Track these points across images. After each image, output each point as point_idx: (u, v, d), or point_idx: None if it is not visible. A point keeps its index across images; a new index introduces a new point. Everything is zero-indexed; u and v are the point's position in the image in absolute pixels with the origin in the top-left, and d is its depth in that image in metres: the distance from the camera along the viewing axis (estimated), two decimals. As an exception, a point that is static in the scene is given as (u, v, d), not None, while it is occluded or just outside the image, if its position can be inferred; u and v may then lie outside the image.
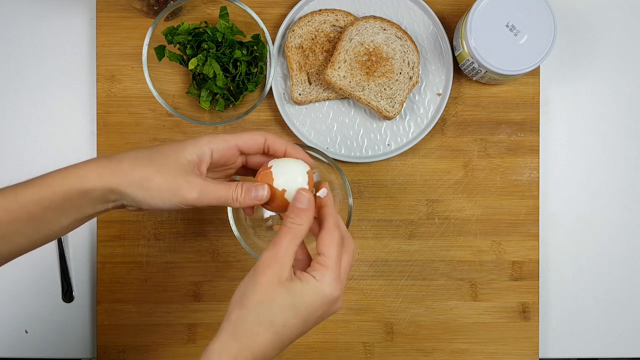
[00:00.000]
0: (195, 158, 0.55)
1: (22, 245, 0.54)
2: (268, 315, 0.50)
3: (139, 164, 0.54)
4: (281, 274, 0.51)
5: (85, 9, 0.82)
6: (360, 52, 0.77)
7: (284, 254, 0.52)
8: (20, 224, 0.52)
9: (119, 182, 0.53)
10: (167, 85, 0.78)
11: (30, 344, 0.82)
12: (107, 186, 0.53)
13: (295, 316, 0.51)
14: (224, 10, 0.76)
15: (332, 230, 0.54)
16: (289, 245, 0.52)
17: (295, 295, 0.51)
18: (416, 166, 0.81)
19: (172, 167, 0.54)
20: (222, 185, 0.55)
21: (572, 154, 0.83)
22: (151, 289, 0.80)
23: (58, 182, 0.53)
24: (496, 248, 0.80)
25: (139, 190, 0.53)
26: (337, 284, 0.52)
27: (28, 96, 0.82)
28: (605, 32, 0.83)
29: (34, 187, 0.53)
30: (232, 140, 0.57)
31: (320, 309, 0.52)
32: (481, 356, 0.81)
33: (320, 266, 0.53)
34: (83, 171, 0.53)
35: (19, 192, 0.52)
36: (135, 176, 0.53)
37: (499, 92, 0.81)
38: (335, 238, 0.54)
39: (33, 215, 0.52)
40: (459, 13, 0.81)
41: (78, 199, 0.53)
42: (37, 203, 0.52)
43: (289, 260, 0.52)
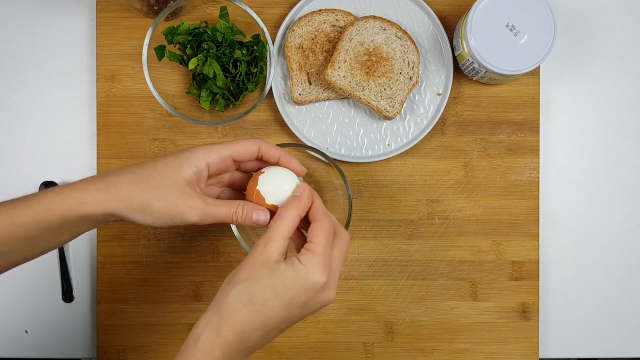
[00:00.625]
0: (193, 176, 0.56)
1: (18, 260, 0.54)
2: (248, 292, 0.51)
3: (137, 189, 0.54)
4: (268, 255, 0.52)
5: (85, 9, 0.82)
6: (360, 52, 0.77)
7: (271, 237, 0.53)
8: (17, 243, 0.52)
9: (119, 208, 0.54)
10: (167, 85, 0.78)
11: (30, 344, 0.82)
12: (107, 211, 0.54)
13: (275, 297, 0.51)
14: (224, 10, 0.76)
15: (321, 221, 0.55)
16: (278, 229, 0.53)
17: (276, 275, 0.51)
18: (416, 166, 0.81)
19: (171, 190, 0.54)
20: (222, 206, 0.56)
21: (572, 154, 0.83)
22: (151, 289, 0.80)
23: (56, 205, 0.53)
24: (496, 248, 0.80)
25: (140, 214, 0.54)
26: (323, 270, 0.52)
27: (28, 96, 0.82)
28: (605, 32, 0.83)
29: (31, 207, 0.53)
30: (226, 152, 0.57)
31: (303, 294, 0.51)
32: (481, 356, 0.81)
33: (306, 251, 0.53)
34: (82, 196, 0.53)
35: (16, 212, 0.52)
36: (135, 202, 0.54)
37: (499, 92, 0.81)
38: (324, 227, 0.54)
39: (30, 235, 0.53)
40: (459, 13, 0.81)
41: (77, 222, 0.54)
42: (34, 224, 0.52)
43: (277, 244, 0.53)
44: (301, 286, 0.51)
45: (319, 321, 0.81)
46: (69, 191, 0.54)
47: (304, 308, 0.52)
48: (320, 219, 0.55)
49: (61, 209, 0.53)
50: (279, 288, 0.51)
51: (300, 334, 0.81)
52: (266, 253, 0.52)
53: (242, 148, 0.58)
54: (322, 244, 0.53)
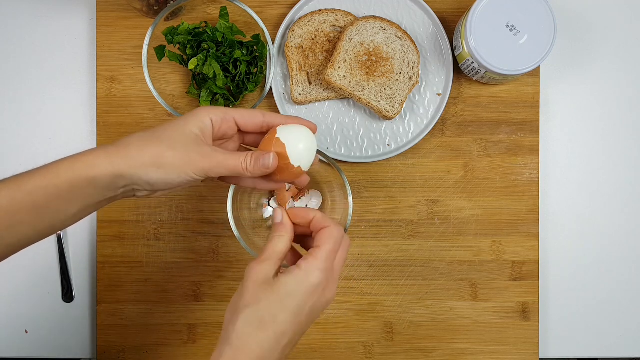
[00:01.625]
0: (199, 131, 0.56)
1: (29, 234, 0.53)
2: (256, 315, 0.50)
3: (147, 144, 0.54)
4: (267, 274, 0.52)
5: (85, 9, 0.82)
6: (360, 52, 0.77)
7: (267, 257, 0.53)
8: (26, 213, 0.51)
9: (130, 165, 0.53)
10: (167, 85, 0.78)
11: (30, 344, 0.82)
12: (116, 172, 0.52)
13: (283, 309, 0.51)
14: (224, 10, 0.76)
15: (332, 228, 0.55)
16: (272, 250, 0.54)
17: (280, 288, 0.51)
18: (416, 166, 0.81)
19: (180, 141, 0.54)
20: (232, 155, 0.56)
21: (572, 154, 0.83)
22: (151, 289, 0.80)
23: (64, 170, 0.52)
24: (496, 248, 0.80)
25: (152, 169, 0.53)
26: (324, 273, 0.52)
27: (28, 96, 0.82)
28: (605, 32, 0.83)
29: (39, 175, 0.52)
30: (229, 112, 0.58)
31: (309, 299, 0.52)
32: (481, 356, 0.81)
33: (309, 257, 0.53)
34: (91, 158, 0.53)
35: (24, 180, 0.52)
36: (146, 157, 0.53)
37: (499, 92, 0.81)
38: (334, 234, 0.54)
39: (38, 204, 0.51)
40: (459, 13, 0.81)
41: (85, 187, 0.52)
42: (42, 191, 0.51)
43: (273, 263, 0.53)
44: (304, 291, 0.51)
45: (319, 321, 0.81)
46: (78, 156, 0.53)
47: (311, 314, 0.53)
48: (330, 225, 0.55)
49: (69, 173, 0.52)
50: (285, 300, 0.51)
51: (300, 334, 0.81)
52: (264, 272, 0.52)
53: (246, 112, 0.58)
54: (327, 251, 0.53)
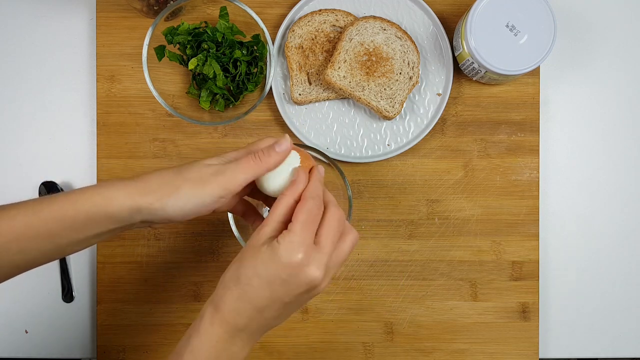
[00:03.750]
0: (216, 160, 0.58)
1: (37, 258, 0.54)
2: (236, 272, 0.53)
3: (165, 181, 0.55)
4: (258, 239, 0.54)
5: (85, 9, 0.82)
6: (360, 52, 0.77)
7: (265, 222, 0.55)
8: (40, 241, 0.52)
9: (149, 201, 0.54)
10: (167, 85, 0.78)
11: (30, 344, 0.82)
12: (135, 206, 0.53)
13: (256, 275, 0.52)
14: (224, 10, 0.76)
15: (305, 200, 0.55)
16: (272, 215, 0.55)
17: (257, 255, 0.53)
18: (416, 166, 0.81)
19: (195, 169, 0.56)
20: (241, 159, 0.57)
21: (572, 154, 0.83)
22: (151, 289, 0.80)
23: (82, 202, 0.53)
24: (496, 248, 0.80)
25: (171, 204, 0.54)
26: (298, 247, 0.52)
27: (28, 96, 0.82)
28: (605, 32, 0.83)
29: (57, 204, 0.52)
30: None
31: (282, 271, 0.52)
32: (481, 356, 0.81)
33: (285, 230, 0.53)
34: (109, 192, 0.53)
35: (41, 207, 0.52)
36: (164, 192, 0.54)
37: (499, 92, 0.81)
38: (306, 206, 0.54)
39: (52, 233, 0.52)
40: (459, 13, 0.81)
41: (102, 220, 0.53)
42: (60, 221, 0.52)
43: (269, 228, 0.54)
44: (277, 263, 0.52)
45: (319, 321, 0.81)
46: (96, 188, 0.54)
47: (288, 287, 0.52)
48: (304, 198, 0.55)
49: (87, 205, 0.52)
50: (258, 267, 0.52)
51: (300, 334, 0.81)
52: (257, 237, 0.54)
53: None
54: (300, 222, 0.53)
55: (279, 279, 0.52)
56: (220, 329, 0.52)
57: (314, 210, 0.54)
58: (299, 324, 0.80)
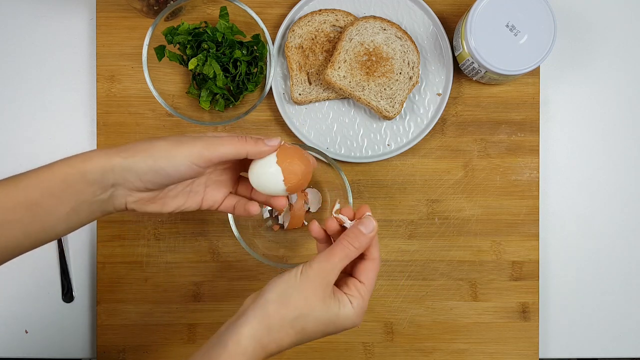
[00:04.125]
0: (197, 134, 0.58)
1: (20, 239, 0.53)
2: (303, 323, 0.53)
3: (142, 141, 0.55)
4: (325, 289, 0.54)
5: (85, 9, 0.82)
6: (360, 52, 0.77)
7: (332, 270, 0.54)
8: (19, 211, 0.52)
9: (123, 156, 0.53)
10: (167, 85, 0.78)
11: (30, 344, 0.82)
12: (108, 164, 0.53)
13: (322, 332, 0.55)
14: (224, 10, 0.76)
15: (378, 262, 0.57)
16: (339, 263, 0.54)
17: (330, 314, 0.54)
18: (416, 166, 0.81)
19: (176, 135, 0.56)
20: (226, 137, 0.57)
21: (572, 154, 0.83)
22: (151, 289, 0.80)
23: (58, 166, 0.53)
24: (496, 248, 0.80)
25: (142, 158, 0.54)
26: (363, 314, 0.56)
27: (28, 96, 0.82)
28: (605, 32, 0.83)
29: (34, 173, 0.53)
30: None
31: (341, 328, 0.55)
32: (481, 356, 0.81)
33: (359, 295, 0.55)
34: (84, 154, 0.54)
35: (20, 178, 0.53)
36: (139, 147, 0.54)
37: (499, 92, 0.81)
38: (377, 270, 0.57)
39: (31, 201, 0.52)
40: (459, 13, 0.81)
41: (76, 182, 0.53)
42: (37, 187, 0.52)
43: (334, 277, 0.54)
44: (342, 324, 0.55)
45: (319, 321, 0.81)
46: (73, 155, 0.54)
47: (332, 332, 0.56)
48: (377, 259, 0.57)
49: (63, 168, 0.53)
50: (328, 326, 0.54)
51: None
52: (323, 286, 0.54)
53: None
54: (370, 287, 0.56)
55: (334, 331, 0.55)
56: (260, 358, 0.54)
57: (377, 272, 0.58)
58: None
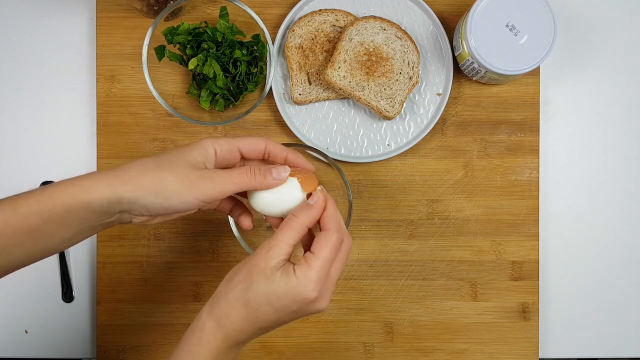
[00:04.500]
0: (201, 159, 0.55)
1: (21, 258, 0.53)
2: (245, 295, 0.52)
3: (147, 169, 0.53)
4: (268, 261, 0.52)
5: (85, 9, 0.82)
6: (360, 52, 0.77)
7: (275, 244, 0.53)
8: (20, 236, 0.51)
9: (128, 190, 0.52)
10: (167, 85, 0.78)
11: (30, 344, 0.82)
12: (113, 196, 0.52)
13: (268, 303, 0.52)
14: (224, 10, 0.76)
15: (331, 233, 0.54)
16: (284, 237, 0.53)
17: (271, 284, 0.52)
18: (416, 166, 0.81)
19: (181, 166, 0.54)
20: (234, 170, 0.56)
21: (572, 154, 0.83)
22: (151, 289, 0.80)
23: (59, 194, 0.51)
24: (496, 248, 0.80)
25: (151, 195, 0.53)
26: (315, 284, 0.52)
27: (28, 96, 0.82)
28: (605, 32, 0.83)
29: (34, 198, 0.51)
30: (234, 142, 0.58)
31: (294, 305, 0.52)
32: (481, 356, 0.81)
33: (305, 263, 0.53)
34: (87, 182, 0.52)
35: (19, 203, 0.51)
36: (146, 182, 0.53)
37: (499, 92, 0.81)
38: (332, 241, 0.54)
39: (33, 227, 0.51)
40: (459, 13, 0.81)
41: (80, 211, 0.52)
42: (37, 215, 0.51)
43: (279, 251, 0.53)
44: (292, 298, 0.52)
45: (319, 321, 0.81)
46: (74, 179, 0.53)
47: (295, 315, 0.54)
48: (329, 229, 0.55)
49: (64, 196, 0.51)
50: (271, 297, 0.52)
51: (300, 334, 0.81)
52: (267, 259, 0.53)
53: (250, 141, 0.58)
54: (322, 259, 0.53)
55: (289, 309, 0.53)
56: (222, 343, 0.53)
57: (336, 246, 0.54)
58: (299, 324, 0.80)
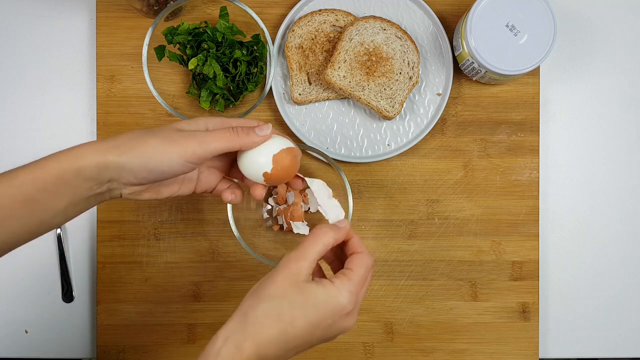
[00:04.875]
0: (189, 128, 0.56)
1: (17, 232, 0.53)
2: (277, 309, 0.50)
3: (135, 137, 0.54)
4: (298, 274, 0.52)
5: (85, 9, 0.82)
6: (360, 52, 0.77)
7: (304, 256, 0.52)
8: (15, 207, 0.52)
9: (116, 154, 0.53)
10: (167, 85, 0.78)
11: (30, 344, 0.82)
12: (102, 162, 0.53)
13: (304, 316, 0.51)
14: (224, 10, 0.76)
15: (366, 255, 0.55)
16: (312, 249, 0.53)
17: (307, 295, 0.51)
18: (416, 166, 0.81)
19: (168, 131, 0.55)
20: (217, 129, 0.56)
21: (572, 154, 0.83)
22: (151, 289, 0.80)
23: (51, 162, 0.53)
24: (496, 248, 0.80)
25: (136, 157, 0.53)
26: (353, 297, 0.52)
27: (28, 96, 0.82)
28: (605, 32, 0.83)
29: (28, 169, 0.53)
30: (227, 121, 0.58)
31: (330, 317, 0.52)
32: (481, 356, 0.81)
33: (343, 276, 0.53)
34: (77, 149, 0.53)
35: (13, 175, 0.53)
36: (131, 146, 0.53)
37: (499, 92, 0.81)
38: (366, 262, 0.55)
39: (27, 197, 0.52)
40: (459, 13, 0.81)
41: (72, 179, 0.53)
42: (31, 184, 0.52)
43: (308, 263, 0.52)
44: (330, 308, 0.51)
45: (319, 321, 0.81)
46: (66, 150, 0.54)
47: (327, 331, 0.53)
48: (364, 252, 0.55)
49: (55, 165, 0.52)
50: (308, 309, 0.51)
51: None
52: (296, 271, 0.52)
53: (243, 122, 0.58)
54: (359, 276, 0.53)
55: (325, 323, 0.52)
56: None
57: (370, 269, 0.55)
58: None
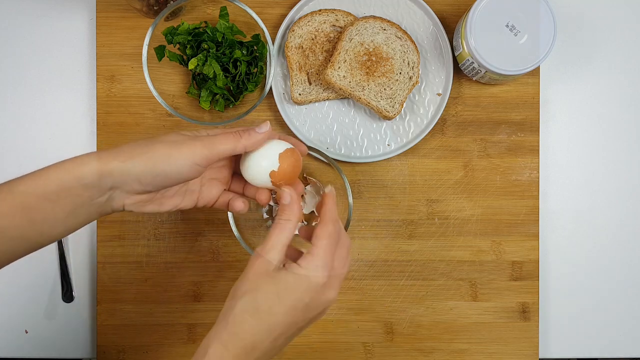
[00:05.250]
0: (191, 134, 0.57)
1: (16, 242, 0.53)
2: (252, 303, 0.51)
3: (138, 145, 0.54)
4: (268, 265, 0.53)
5: (85, 9, 0.82)
6: (360, 52, 0.77)
7: (271, 247, 0.53)
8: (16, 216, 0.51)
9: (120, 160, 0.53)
10: (167, 85, 0.78)
11: (30, 344, 0.82)
12: (104, 169, 0.52)
13: (280, 302, 0.52)
14: (224, 10, 0.76)
15: (326, 224, 0.55)
16: (277, 239, 0.54)
17: (278, 282, 0.52)
18: (416, 166, 0.81)
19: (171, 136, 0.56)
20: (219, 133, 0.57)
21: (572, 154, 0.83)
22: (151, 289, 0.80)
23: (53, 170, 0.53)
24: (496, 248, 0.80)
25: (141, 162, 0.53)
26: (322, 269, 0.53)
27: (28, 96, 0.82)
28: (606, 32, 0.83)
29: (30, 178, 0.52)
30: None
31: (306, 295, 0.52)
32: (481, 356, 0.81)
33: (307, 254, 0.53)
34: (80, 158, 0.53)
35: (15, 184, 0.52)
36: (136, 152, 0.53)
37: (499, 92, 0.81)
38: (327, 230, 0.55)
39: (27, 206, 0.51)
40: (459, 13, 0.81)
41: (73, 187, 0.52)
42: (32, 193, 0.52)
43: (276, 253, 0.53)
44: (303, 288, 0.52)
45: (319, 321, 0.80)
46: (69, 159, 0.54)
47: (308, 310, 0.53)
48: (325, 221, 0.55)
49: (58, 173, 0.52)
50: (282, 294, 0.52)
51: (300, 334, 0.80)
52: (266, 263, 0.53)
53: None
54: (322, 246, 0.54)
55: (302, 303, 0.52)
56: None
57: (333, 234, 0.55)
58: (299, 324, 0.80)
